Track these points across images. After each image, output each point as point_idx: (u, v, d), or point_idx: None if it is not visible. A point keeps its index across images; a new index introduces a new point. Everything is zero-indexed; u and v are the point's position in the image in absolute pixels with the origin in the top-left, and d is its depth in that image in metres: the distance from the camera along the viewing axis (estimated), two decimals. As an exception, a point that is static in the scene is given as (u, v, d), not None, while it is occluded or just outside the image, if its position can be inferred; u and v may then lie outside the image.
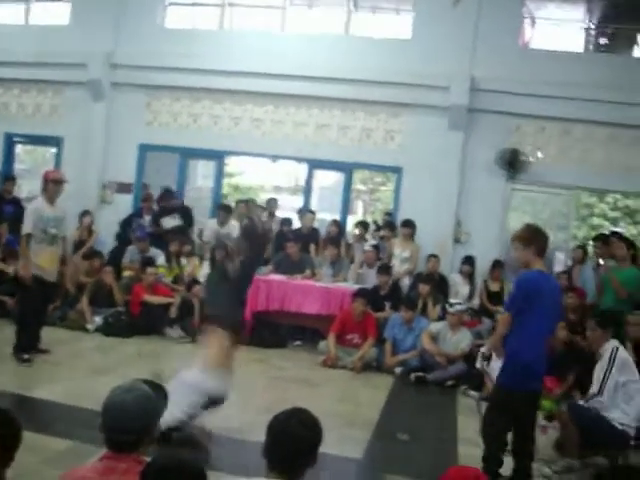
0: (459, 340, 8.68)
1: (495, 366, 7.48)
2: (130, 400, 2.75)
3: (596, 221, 19.67)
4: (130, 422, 2.71)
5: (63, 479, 2.76)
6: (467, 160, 10.92)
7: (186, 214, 11.64)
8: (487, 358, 5.01)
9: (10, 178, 11.95)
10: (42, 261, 7.47)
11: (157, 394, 2.96)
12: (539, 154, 10.88)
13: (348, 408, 7.06)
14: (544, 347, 5.17)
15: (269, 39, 11.84)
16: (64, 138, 12.76)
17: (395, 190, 11.89)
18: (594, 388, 5.64)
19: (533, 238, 5.09)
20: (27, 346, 7.55)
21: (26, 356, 7.43)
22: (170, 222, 11.37)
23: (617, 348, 5.72)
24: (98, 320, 9.58)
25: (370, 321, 9.13)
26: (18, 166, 14.68)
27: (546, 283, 5.12)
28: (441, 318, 9.21)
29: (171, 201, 11.68)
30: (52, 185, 7.56)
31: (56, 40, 12.20)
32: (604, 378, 5.60)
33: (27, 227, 7.37)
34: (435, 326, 8.90)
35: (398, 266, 10.31)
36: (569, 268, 10.22)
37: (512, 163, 10.68)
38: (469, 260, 10.33)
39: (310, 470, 2.79)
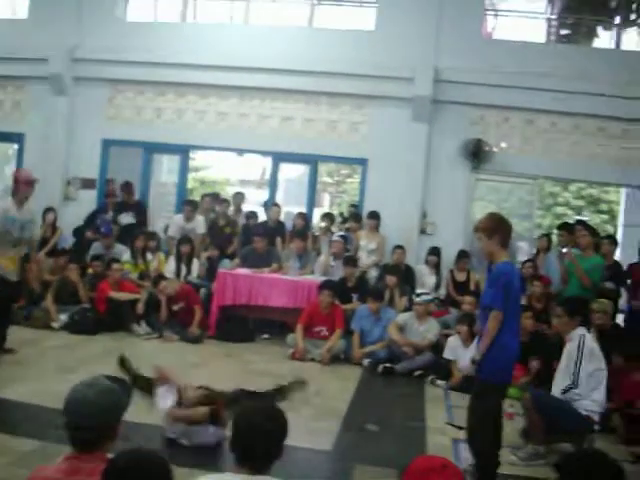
0: (426, 330, 8.73)
1: (465, 355, 7.56)
2: (92, 395, 2.68)
3: (560, 210, 19.91)
4: (92, 418, 2.65)
5: (29, 477, 2.73)
6: (432, 151, 10.97)
7: (140, 211, 11.57)
8: (479, 363, 4.88)
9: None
10: (3, 262, 7.32)
11: (121, 388, 2.91)
12: (503, 144, 10.97)
13: (317, 400, 7.06)
14: None
15: (232, 31, 11.80)
16: (26, 134, 12.57)
17: (361, 182, 11.93)
18: (568, 381, 5.68)
19: (496, 228, 4.99)
20: None
21: None
22: (125, 219, 11.33)
23: (584, 336, 5.79)
24: (64, 318, 9.47)
25: (338, 313, 9.15)
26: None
27: (516, 275, 5.13)
28: (408, 309, 9.25)
29: (131, 195, 11.61)
30: (23, 186, 7.36)
31: (15, 34, 12.02)
32: (576, 369, 5.66)
33: None
34: (402, 317, 8.94)
35: (365, 258, 10.36)
36: (533, 257, 10.33)
37: (476, 153, 10.76)
38: (435, 251, 10.40)
39: (278, 462, 2.79)
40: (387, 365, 8.53)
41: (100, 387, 2.74)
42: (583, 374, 5.63)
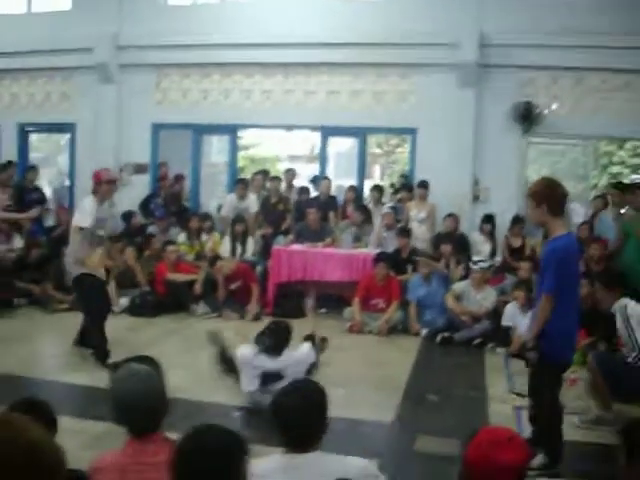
0: (483, 298, 8.69)
1: (523, 322, 7.49)
2: (130, 387, 2.76)
3: (616, 169, 19.43)
4: (138, 407, 2.73)
5: (94, 466, 2.81)
6: (481, 116, 10.79)
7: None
8: (533, 348, 4.69)
9: (31, 167, 12.01)
10: (93, 261, 7.25)
11: (153, 367, 2.96)
12: (553, 106, 10.73)
13: (377, 372, 7.10)
14: None
15: (273, 8, 11.71)
16: (76, 124, 12.77)
17: (410, 151, 11.83)
18: (634, 352, 5.54)
19: (545, 195, 4.61)
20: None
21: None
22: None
23: (626, 306, 5.67)
24: (124, 302, 9.68)
25: (393, 284, 9.15)
26: (34, 155, 14.73)
27: (573, 246, 4.79)
28: (464, 277, 9.21)
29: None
30: (106, 186, 7.26)
31: (60, 26, 12.15)
32: (634, 339, 5.55)
33: (86, 220, 7.07)
34: (459, 286, 8.91)
35: (417, 228, 10.30)
36: (590, 219, 10.14)
37: (526, 116, 10.55)
38: (489, 219, 10.26)
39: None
40: (446, 335, 8.53)
41: (137, 377, 2.80)
42: None
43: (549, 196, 4.64)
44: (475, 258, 9.20)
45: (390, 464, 4.60)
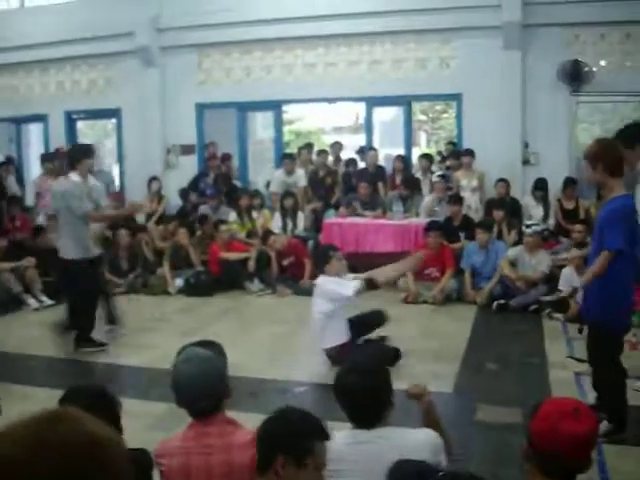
0: (538, 263, 8.56)
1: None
2: (190, 371, 2.78)
3: (669, 123, 18.91)
4: (199, 391, 2.76)
5: (159, 451, 2.86)
6: (528, 78, 10.59)
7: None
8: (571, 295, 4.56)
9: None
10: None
11: (214, 350, 2.99)
12: (602, 62, 10.48)
13: (434, 342, 7.07)
14: None
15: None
16: (121, 109, 12.92)
17: (457, 117, 11.70)
18: None
19: (601, 155, 4.55)
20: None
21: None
22: None
23: None
24: (179, 282, 9.80)
25: (447, 253, 9.09)
26: (82, 141, 14.92)
27: (632, 207, 4.66)
28: (518, 243, 9.10)
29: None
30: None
31: (100, 13, 12.21)
32: None
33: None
34: (513, 252, 8.80)
35: (469, 197, 10.19)
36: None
37: (574, 75, 10.31)
38: (541, 183, 10.05)
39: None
40: (501, 302, 8.45)
41: (197, 360, 2.82)
42: None
43: (605, 156, 4.56)
44: (528, 222, 9.08)
45: (452, 435, 4.60)
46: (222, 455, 2.69)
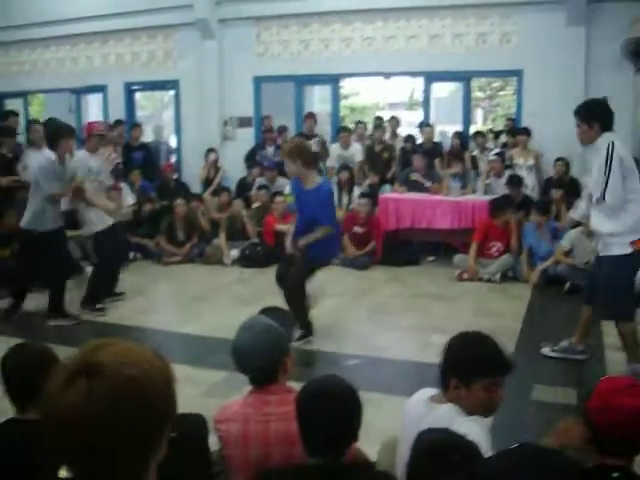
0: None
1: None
2: (250, 340, 2.78)
3: None
4: (256, 361, 2.76)
5: (218, 417, 2.88)
6: (591, 55, 10.31)
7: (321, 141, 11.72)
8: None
9: (136, 125, 12.32)
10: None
11: (280, 320, 2.99)
12: (670, 39, 10.17)
13: (489, 321, 6.99)
14: None
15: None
16: (179, 80, 12.98)
17: (517, 94, 11.49)
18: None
19: None
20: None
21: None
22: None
23: (612, 143, 5.08)
24: (234, 253, 9.90)
25: (512, 230, 9.10)
26: (140, 113, 15.11)
27: None
28: (576, 224, 8.93)
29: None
30: (94, 139, 7.58)
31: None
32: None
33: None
34: (569, 237, 8.53)
35: (525, 176, 10.03)
36: None
37: (639, 53, 10.04)
38: (601, 161, 9.88)
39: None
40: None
41: (257, 329, 2.82)
42: None
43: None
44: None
45: (507, 414, 4.58)
46: (280, 423, 2.71)
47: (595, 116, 5.11)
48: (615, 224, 5.05)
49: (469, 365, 2.65)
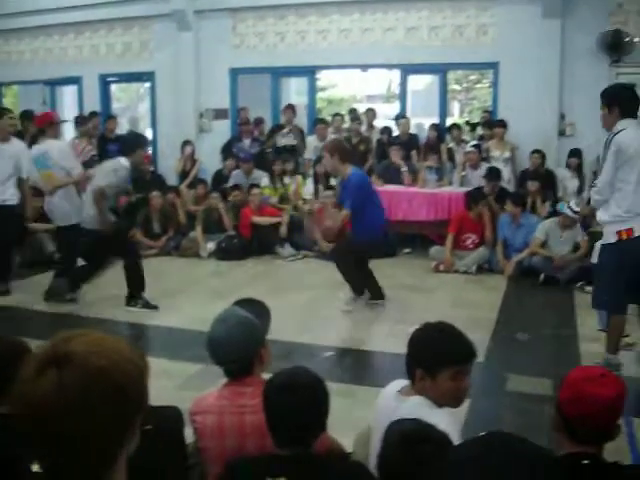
0: (572, 236, 8.46)
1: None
2: (225, 332, 2.77)
3: None
4: (231, 353, 2.75)
5: (193, 409, 2.87)
6: (567, 48, 10.36)
7: (300, 133, 11.71)
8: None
9: (111, 117, 12.23)
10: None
11: (256, 312, 2.97)
12: (644, 33, 10.25)
13: (466, 312, 7.01)
14: None
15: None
16: (155, 72, 12.89)
17: (493, 87, 11.54)
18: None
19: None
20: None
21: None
22: (283, 140, 11.49)
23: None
24: (211, 246, 9.87)
25: (486, 221, 9.14)
26: (115, 105, 14.99)
27: None
28: (551, 214, 9.01)
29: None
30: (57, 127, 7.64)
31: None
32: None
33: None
34: (544, 227, 8.59)
35: (501, 168, 10.07)
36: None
37: (615, 45, 10.08)
38: (576, 153, 9.94)
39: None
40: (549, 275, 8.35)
41: (232, 321, 2.81)
42: None
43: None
44: (573, 206, 8.70)
45: (482, 404, 4.62)
46: (255, 415, 2.70)
47: (616, 101, 5.05)
48: (606, 213, 5.08)
49: (432, 355, 2.66)
